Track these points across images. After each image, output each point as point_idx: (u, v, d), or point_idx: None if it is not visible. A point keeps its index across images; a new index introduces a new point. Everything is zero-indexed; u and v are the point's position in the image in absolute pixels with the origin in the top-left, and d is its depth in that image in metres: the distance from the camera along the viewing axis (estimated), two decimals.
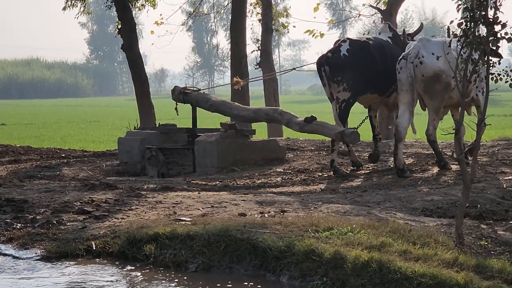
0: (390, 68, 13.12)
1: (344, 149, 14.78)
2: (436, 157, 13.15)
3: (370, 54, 13.45)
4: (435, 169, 13.04)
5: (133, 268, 8.02)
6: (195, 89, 16.32)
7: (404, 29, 14.68)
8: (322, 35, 23.86)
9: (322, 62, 13.43)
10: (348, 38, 13.80)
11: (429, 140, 12.90)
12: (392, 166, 13.53)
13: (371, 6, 24.05)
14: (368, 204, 10.16)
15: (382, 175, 12.97)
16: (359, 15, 28.48)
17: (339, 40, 13.89)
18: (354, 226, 8.19)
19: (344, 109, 13.31)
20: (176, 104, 15.96)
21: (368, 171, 13.40)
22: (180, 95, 15.90)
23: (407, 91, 12.60)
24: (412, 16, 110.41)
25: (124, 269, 8.01)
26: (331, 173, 13.23)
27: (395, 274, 6.74)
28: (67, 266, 8.05)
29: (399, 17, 27.59)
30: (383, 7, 23.09)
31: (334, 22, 44.22)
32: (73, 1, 23.41)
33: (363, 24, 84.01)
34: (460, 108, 7.75)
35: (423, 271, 6.68)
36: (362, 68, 13.33)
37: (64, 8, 23.55)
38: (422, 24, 15.35)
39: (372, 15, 24.84)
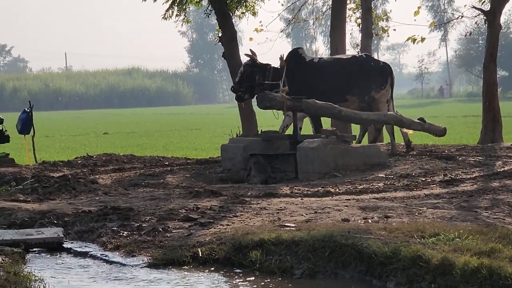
0: None
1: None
2: None
3: None
4: None
5: (239, 274, 8.06)
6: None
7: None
8: (423, 39, 23.54)
9: (391, 69, 17.95)
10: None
11: None
12: (499, 170, 13.37)
13: (473, 7, 23.62)
14: (475, 209, 9.98)
15: (488, 179, 12.71)
16: (462, 16, 28.06)
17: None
18: (461, 231, 8.05)
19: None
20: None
21: (473, 176, 13.13)
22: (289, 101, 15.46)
23: None
24: None
25: (231, 276, 8.04)
26: (435, 178, 13.06)
27: (506, 281, 6.59)
28: (174, 273, 8.12)
29: (503, 18, 27.04)
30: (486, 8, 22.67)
31: (435, 24, 43.62)
32: (174, 11, 23.66)
33: (465, 25, 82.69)
34: None
35: None
36: None
37: (165, 18, 23.82)
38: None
39: (475, 16, 24.33)
